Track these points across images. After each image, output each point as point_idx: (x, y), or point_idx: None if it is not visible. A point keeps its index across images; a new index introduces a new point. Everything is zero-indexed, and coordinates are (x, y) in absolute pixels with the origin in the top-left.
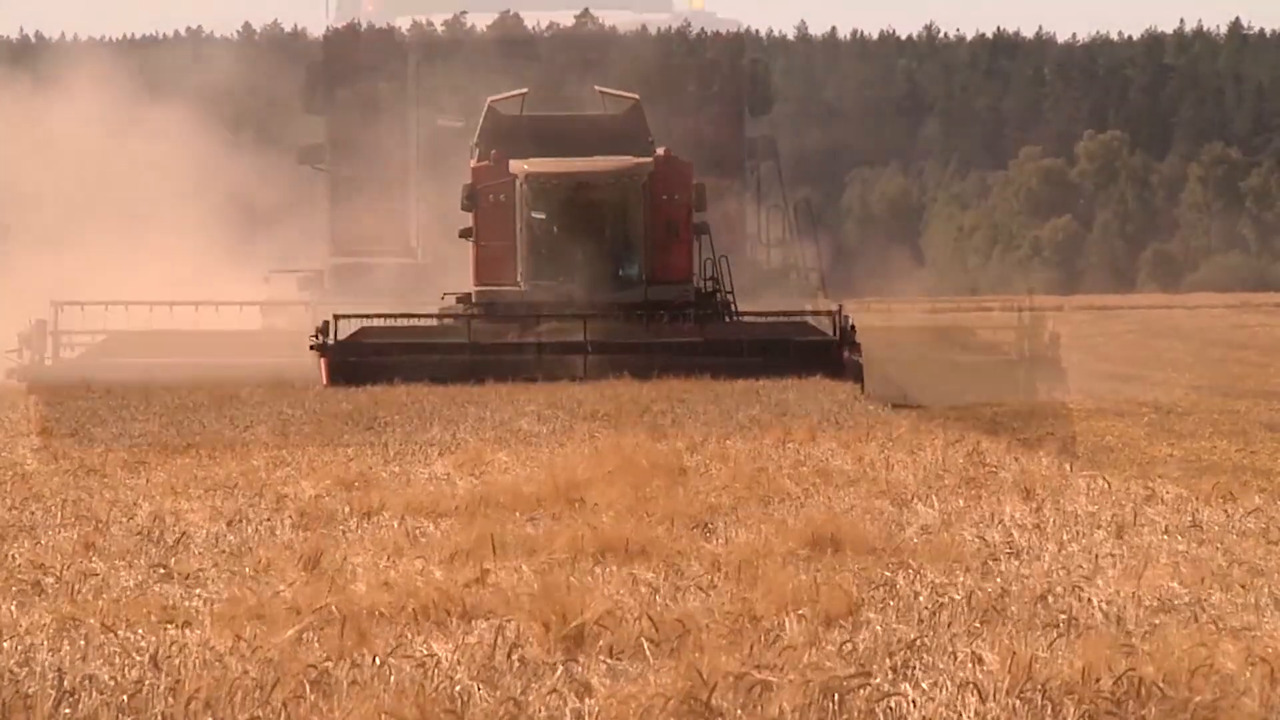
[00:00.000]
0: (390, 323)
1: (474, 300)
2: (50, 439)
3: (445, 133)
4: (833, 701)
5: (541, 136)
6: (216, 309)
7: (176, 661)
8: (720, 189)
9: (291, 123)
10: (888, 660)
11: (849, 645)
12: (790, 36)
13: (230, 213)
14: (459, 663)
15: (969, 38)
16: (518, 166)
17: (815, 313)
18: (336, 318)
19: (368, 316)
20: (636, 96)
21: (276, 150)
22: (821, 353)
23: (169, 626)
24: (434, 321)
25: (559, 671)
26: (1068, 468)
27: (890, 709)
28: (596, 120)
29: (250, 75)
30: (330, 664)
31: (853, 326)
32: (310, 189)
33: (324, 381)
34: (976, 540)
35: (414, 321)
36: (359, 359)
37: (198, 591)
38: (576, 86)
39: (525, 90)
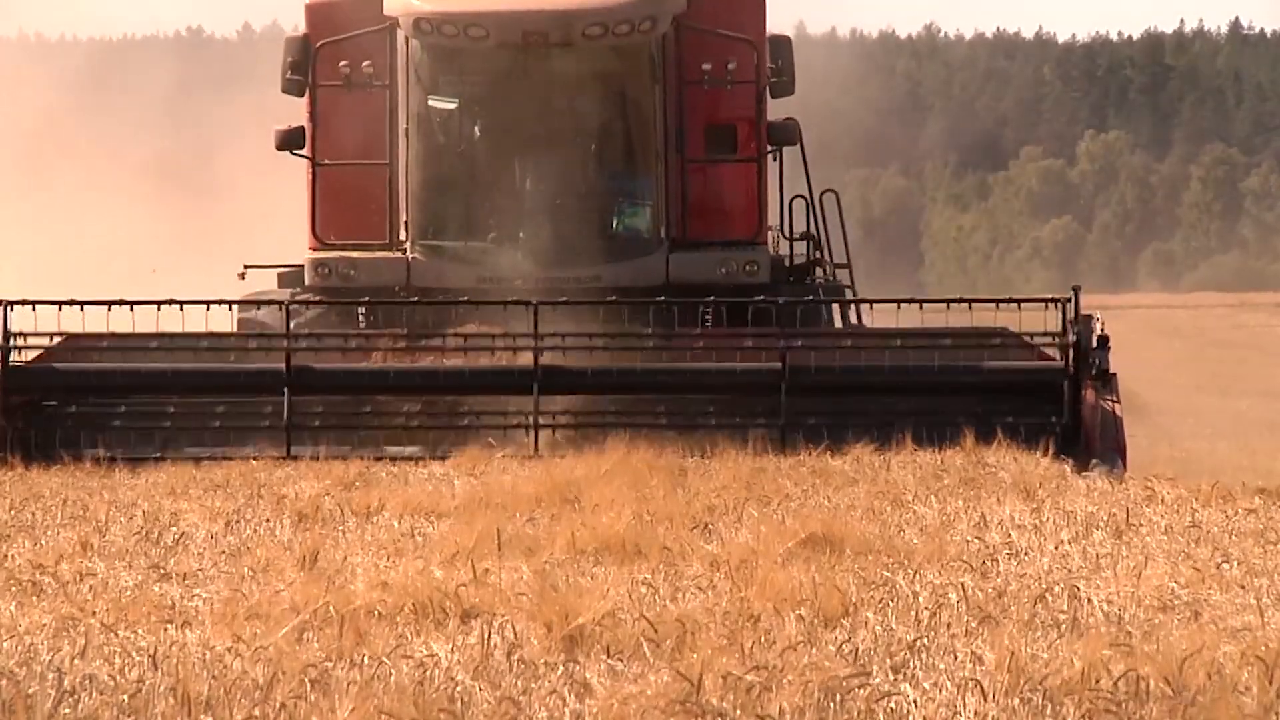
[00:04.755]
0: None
1: (307, 281)
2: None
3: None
4: (833, 701)
5: None
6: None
7: (176, 661)
8: None
9: (273, 110)
10: (887, 660)
11: (848, 645)
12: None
13: (205, 205)
14: (458, 662)
15: (969, 38)
16: (401, 1)
17: (1014, 300)
18: (5, 305)
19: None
20: None
21: (257, 137)
22: (1044, 393)
23: (168, 626)
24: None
25: (558, 671)
26: (1067, 468)
27: (890, 709)
28: None
29: (239, 70)
30: (329, 663)
31: (1103, 337)
32: (292, 177)
33: None
34: (975, 540)
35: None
36: (59, 406)
37: (197, 591)
38: None
39: None
